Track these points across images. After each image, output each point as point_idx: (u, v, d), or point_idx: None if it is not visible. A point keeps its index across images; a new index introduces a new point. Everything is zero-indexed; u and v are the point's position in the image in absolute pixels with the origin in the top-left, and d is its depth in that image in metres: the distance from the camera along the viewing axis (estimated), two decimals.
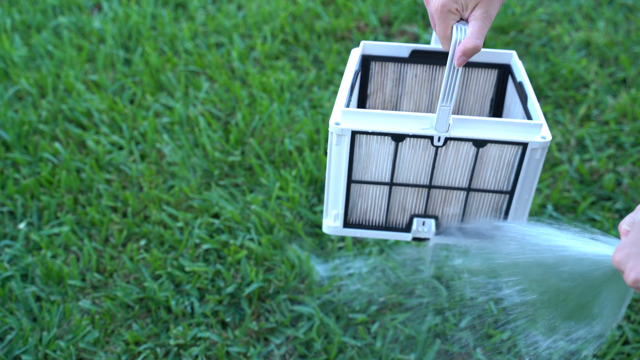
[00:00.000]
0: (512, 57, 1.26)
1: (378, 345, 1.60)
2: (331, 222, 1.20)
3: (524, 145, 1.07)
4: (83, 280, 1.73)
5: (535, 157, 1.08)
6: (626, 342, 1.64)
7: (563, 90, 2.32)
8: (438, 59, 1.26)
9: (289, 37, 2.51)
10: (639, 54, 2.47)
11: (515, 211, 1.15)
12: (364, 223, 1.21)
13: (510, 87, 1.28)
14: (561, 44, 2.54)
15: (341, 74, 2.37)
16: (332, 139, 1.09)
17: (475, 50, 0.97)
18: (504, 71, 1.28)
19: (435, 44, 1.25)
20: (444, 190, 1.14)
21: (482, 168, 1.11)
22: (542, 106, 2.24)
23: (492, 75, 1.29)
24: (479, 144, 1.07)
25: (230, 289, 1.69)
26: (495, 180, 1.13)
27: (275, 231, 1.81)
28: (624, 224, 0.89)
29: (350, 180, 1.14)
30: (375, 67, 1.28)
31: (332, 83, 2.33)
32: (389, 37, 2.54)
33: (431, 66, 1.27)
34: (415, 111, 1.33)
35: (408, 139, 1.08)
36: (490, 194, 1.15)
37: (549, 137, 1.06)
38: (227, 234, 1.82)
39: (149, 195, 1.91)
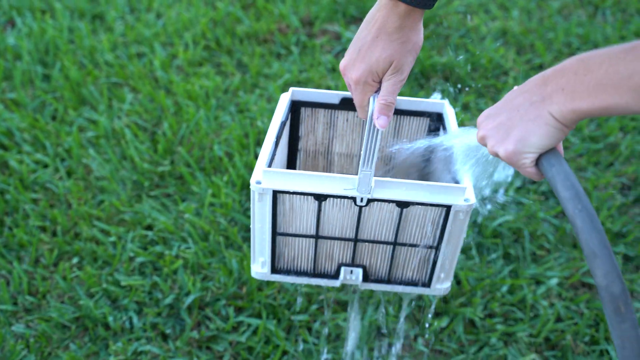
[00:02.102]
0: (443, 107, 1.25)
1: (321, 344, 1.61)
2: (258, 268, 1.19)
3: (448, 208, 1.06)
4: (15, 304, 1.68)
5: (460, 218, 1.07)
6: (559, 320, 1.69)
7: (484, 79, 2.37)
8: None
9: (211, 43, 2.50)
10: (553, 40, 2.55)
11: (442, 265, 1.15)
12: (292, 270, 1.20)
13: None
14: (479, 34, 2.61)
15: (266, 76, 2.37)
16: (254, 197, 1.08)
17: (390, 107, 1.00)
18: (437, 118, 1.27)
19: None
20: (371, 243, 1.14)
21: (407, 225, 1.11)
22: (464, 96, 2.29)
23: (424, 123, 1.28)
24: (402, 204, 1.07)
25: (168, 300, 1.67)
26: (420, 235, 1.12)
27: (211, 238, 1.80)
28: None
29: (275, 233, 1.13)
30: (305, 112, 1.27)
31: (257, 86, 2.33)
32: (311, 37, 2.55)
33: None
34: (347, 154, 1.33)
35: (331, 198, 1.07)
36: (418, 248, 1.14)
37: (472, 200, 1.05)
38: (161, 245, 1.80)
39: (78, 211, 1.87)
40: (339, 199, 1.07)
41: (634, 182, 2.03)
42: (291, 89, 1.25)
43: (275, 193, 1.07)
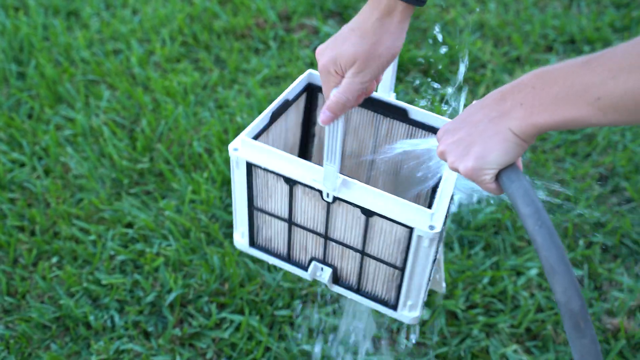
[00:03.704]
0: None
1: (303, 339, 1.61)
2: (239, 237, 1.19)
3: (411, 229, 0.99)
4: None
5: (424, 245, 1.00)
6: (540, 310, 1.70)
7: (468, 72, 2.38)
8: (381, 107, 1.18)
9: (188, 39, 2.48)
10: (529, 33, 2.56)
11: (408, 290, 1.08)
12: (269, 249, 1.19)
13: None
14: (456, 27, 2.61)
15: (245, 72, 2.36)
16: (232, 164, 1.07)
17: (340, 105, 0.95)
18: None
19: (381, 92, 1.17)
20: (341, 246, 1.11)
21: (374, 236, 1.05)
22: (442, 89, 2.30)
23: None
24: (367, 212, 1.02)
25: (150, 298, 1.66)
26: (387, 252, 1.06)
27: (192, 235, 1.79)
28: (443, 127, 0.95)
29: (252, 206, 1.12)
30: (322, 98, 1.21)
31: (236, 82, 2.32)
32: (288, 32, 2.54)
33: (374, 113, 1.20)
34: (359, 153, 1.27)
35: (300, 185, 1.04)
36: (384, 264, 1.09)
37: (438, 228, 0.97)
38: (142, 243, 1.79)
39: (57, 210, 1.85)
40: (308, 189, 1.04)
41: (611, 172, 2.05)
42: (309, 70, 1.20)
43: (250, 165, 1.06)
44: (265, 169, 1.05)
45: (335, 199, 1.03)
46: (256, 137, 1.11)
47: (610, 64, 0.72)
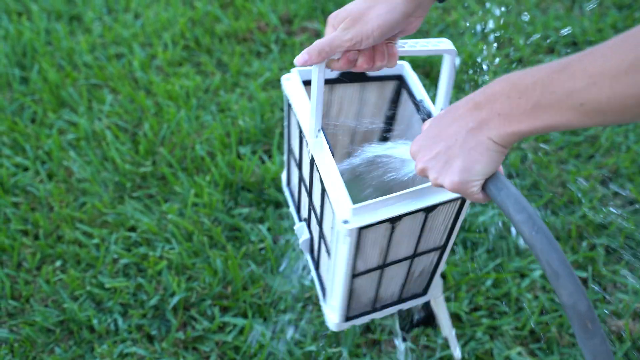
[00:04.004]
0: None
1: (307, 342, 1.61)
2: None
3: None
4: None
5: (340, 236, 0.94)
6: (544, 312, 1.70)
7: (463, 74, 2.38)
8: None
9: (190, 43, 2.49)
10: (531, 34, 2.56)
11: (326, 284, 1.07)
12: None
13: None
14: (458, 29, 2.61)
15: (246, 75, 2.37)
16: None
17: (315, 50, 0.93)
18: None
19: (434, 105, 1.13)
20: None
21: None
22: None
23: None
24: (323, 190, 0.98)
25: (153, 302, 1.66)
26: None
27: (195, 239, 1.79)
28: (427, 123, 0.93)
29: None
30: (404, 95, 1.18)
31: (238, 85, 2.32)
32: (290, 35, 2.55)
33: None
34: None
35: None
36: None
37: (352, 225, 0.93)
38: (145, 247, 1.79)
39: (60, 214, 1.85)
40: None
41: (615, 173, 2.05)
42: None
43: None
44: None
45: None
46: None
47: (591, 70, 0.71)
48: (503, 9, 2.70)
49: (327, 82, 1.14)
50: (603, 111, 0.72)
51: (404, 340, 1.39)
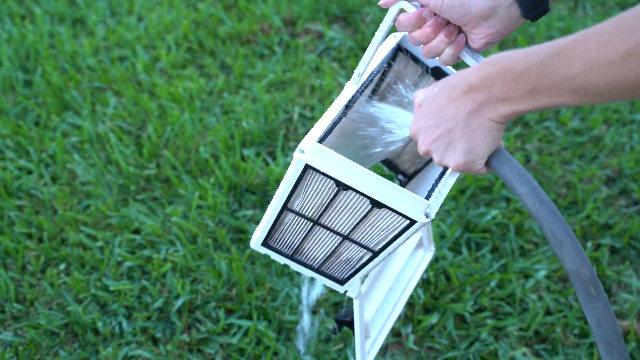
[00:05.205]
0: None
1: (312, 344, 1.61)
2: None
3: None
4: (2, 311, 1.67)
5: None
6: (548, 313, 1.70)
7: None
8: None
9: (193, 45, 2.49)
10: (534, 34, 2.56)
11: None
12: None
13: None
14: None
15: (250, 77, 2.37)
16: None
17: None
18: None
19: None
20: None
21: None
22: None
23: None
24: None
25: (158, 304, 1.66)
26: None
27: (199, 241, 1.80)
28: (418, 98, 0.93)
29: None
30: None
31: (241, 87, 2.33)
32: (293, 37, 2.55)
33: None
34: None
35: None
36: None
37: (304, 158, 0.96)
38: (149, 249, 1.79)
39: (64, 217, 1.86)
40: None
41: (619, 173, 2.05)
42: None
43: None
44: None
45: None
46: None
47: (587, 56, 0.73)
48: None
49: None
50: (601, 93, 0.75)
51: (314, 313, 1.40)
